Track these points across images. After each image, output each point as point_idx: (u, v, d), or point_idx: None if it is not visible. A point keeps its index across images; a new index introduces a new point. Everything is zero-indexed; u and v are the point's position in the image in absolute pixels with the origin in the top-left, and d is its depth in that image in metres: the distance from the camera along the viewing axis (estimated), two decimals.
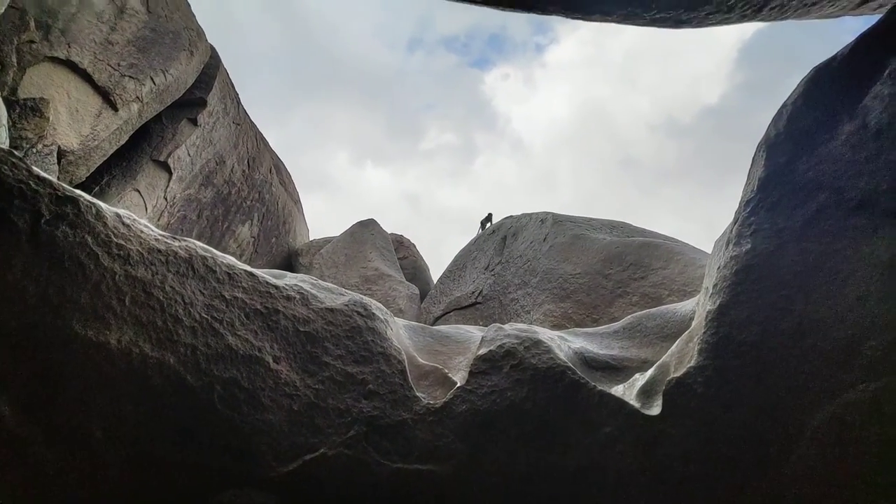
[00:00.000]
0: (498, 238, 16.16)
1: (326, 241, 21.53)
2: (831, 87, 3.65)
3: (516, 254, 14.64)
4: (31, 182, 3.64)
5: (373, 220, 21.20)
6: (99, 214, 3.83)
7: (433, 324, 15.82)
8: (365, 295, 16.03)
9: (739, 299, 3.75)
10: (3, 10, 9.39)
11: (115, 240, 3.84)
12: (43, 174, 3.76)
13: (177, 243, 4.12)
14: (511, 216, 16.46)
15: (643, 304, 10.40)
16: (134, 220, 4.07)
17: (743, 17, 3.72)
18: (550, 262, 12.94)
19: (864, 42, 3.60)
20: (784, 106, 3.85)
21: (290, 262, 21.22)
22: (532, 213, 15.37)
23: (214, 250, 4.33)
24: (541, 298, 12.56)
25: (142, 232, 4.01)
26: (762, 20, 3.76)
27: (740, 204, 3.99)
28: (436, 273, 23.34)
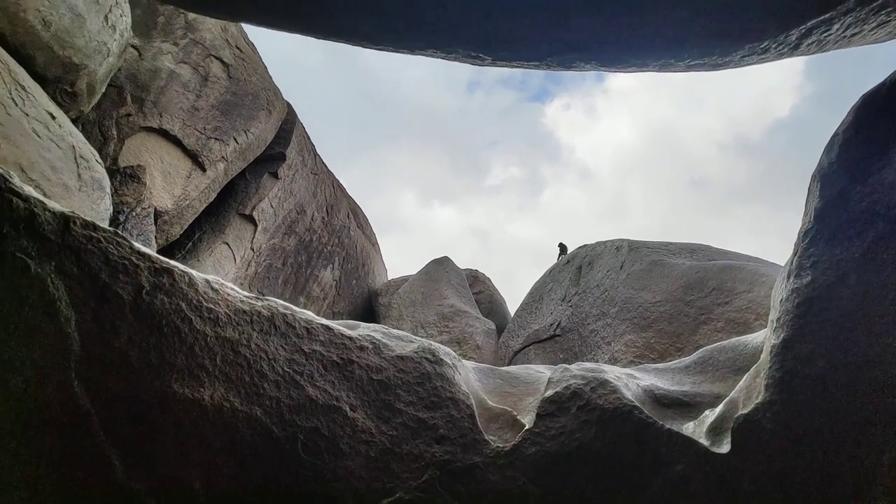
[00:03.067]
0: (573, 268, 16.05)
1: (404, 279, 22.06)
2: (881, 114, 3.61)
3: (593, 283, 14.50)
4: (133, 258, 4.12)
5: (446, 257, 21.57)
6: (191, 282, 4.26)
7: (513, 358, 15.83)
8: (443, 332, 16.32)
9: (803, 332, 3.71)
10: (103, 90, 10.51)
11: (206, 304, 4.25)
12: (143, 249, 4.23)
13: (259, 303, 4.50)
14: (585, 245, 16.33)
15: (729, 330, 10.08)
16: (222, 284, 4.48)
17: (780, 56, 3.76)
18: (629, 291, 12.75)
19: None
20: (835, 135, 3.83)
21: (370, 303, 21.85)
22: (606, 241, 15.22)
23: (293, 307, 4.68)
24: (621, 329, 12.37)
25: (228, 295, 4.41)
26: (802, 55, 3.78)
27: (799, 235, 3.96)
28: (511, 306, 23.37)
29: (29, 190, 4.05)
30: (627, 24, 3.42)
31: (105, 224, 8.96)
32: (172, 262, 4.32)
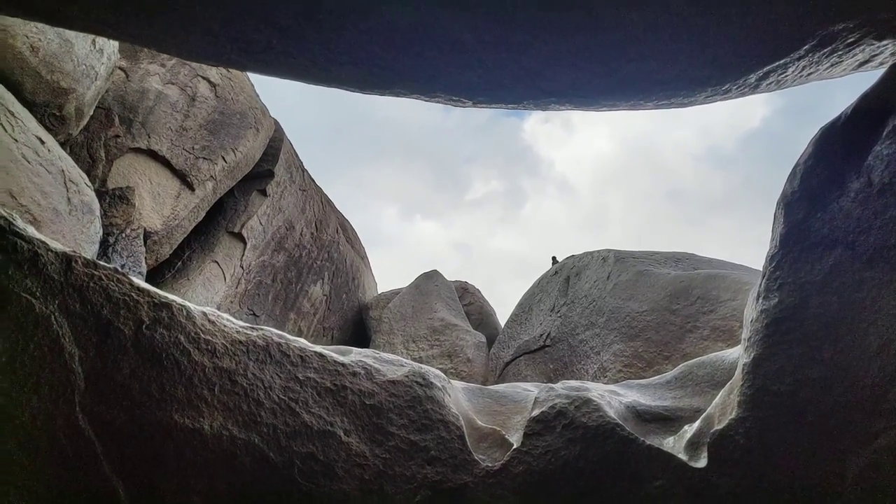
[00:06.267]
0: (561, 279, 16.22)
1: (394, 293, 22.13)
2: (838, 146, 3.87)
3: (581, 294, 14.67)
4: (133, 294, 4.28)
5: (436, 271, 21.64)
6: (189, 315, 4.42)
7: (504, 369, 15.97)
8: (434, 346, 16.45)
9: (772, 351, 3.94)
10: (91, 113, 10.63)
11: (203, 336, 4.41)
12: (143, 284, 4.40)
13: (255, 333, 4.66)
14: (573, 255, 16.50)
15: (715, 338, 10.28)
16: (218, 315, 4.65)
17: (742, 95, 4.02)
18: (616, 301, 12.91)
19: (865, 102, 3.82)
20: (797, 165, 4.09)
21: (360, 317, 21.92)
22: (593, 252, 15.38)
23: (287, 335, 4.85)
24: (609, 338, 12.54)
25: (225, 326, 4.58)
26: (762, 93, 4.03)
27: (766, 258, 4.20)
28: (497, 318, 23.52)
29: (32, 231, 4.20)
30: (600, 74, 3.67)
31: (95, 247, 9.08)
32: (171, 296, 4.49)
